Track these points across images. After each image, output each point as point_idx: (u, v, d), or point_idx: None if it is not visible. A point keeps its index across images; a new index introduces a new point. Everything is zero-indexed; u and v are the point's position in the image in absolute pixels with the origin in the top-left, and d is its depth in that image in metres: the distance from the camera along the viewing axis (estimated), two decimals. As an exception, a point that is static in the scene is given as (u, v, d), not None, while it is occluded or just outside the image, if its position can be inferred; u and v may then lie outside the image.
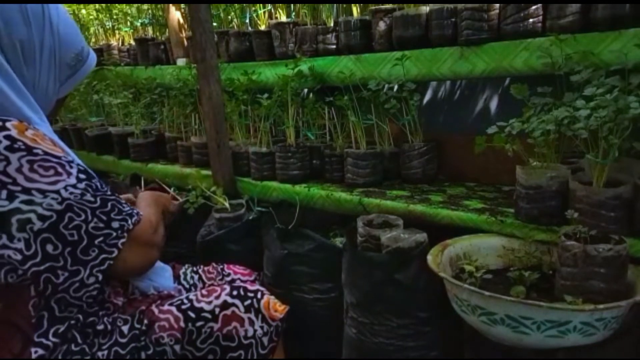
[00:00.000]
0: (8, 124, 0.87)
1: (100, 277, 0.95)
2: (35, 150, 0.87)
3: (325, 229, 1.75)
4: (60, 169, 0.90)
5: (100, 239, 0.95)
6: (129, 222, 0.99)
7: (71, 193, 0.90)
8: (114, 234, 0.97)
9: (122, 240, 0.97)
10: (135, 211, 1.03)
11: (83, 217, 0.92)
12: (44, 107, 1.01)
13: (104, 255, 0.95)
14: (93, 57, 1.10)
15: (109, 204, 0.97)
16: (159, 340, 1.02)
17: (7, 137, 0.85)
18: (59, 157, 0.91)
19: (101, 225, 0.95)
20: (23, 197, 0.85)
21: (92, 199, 0.94)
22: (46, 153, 0.89)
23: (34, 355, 0.92)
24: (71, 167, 0.93)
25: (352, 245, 1.41)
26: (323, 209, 1.70)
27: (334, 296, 1.51)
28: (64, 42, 1.00)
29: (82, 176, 0.94)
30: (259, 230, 1.68)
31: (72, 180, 0.91)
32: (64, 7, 1.04)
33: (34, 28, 0.94)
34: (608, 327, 1.00)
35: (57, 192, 0.89)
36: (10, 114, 0.90)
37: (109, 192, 1.00)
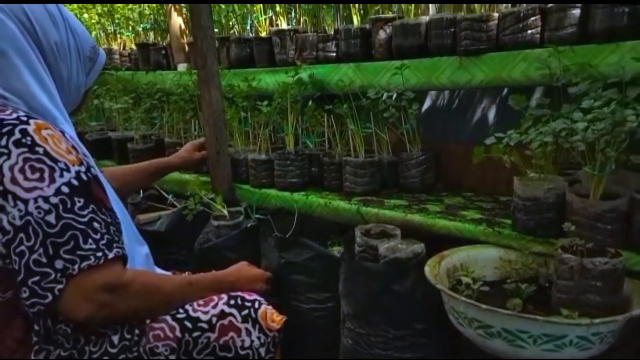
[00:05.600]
0: (31, 121, 0.89)
1: (32, 316, 0.90)
2: (37, 149, 0.87)
3: (324, 237, 1.74)
4: (46, 174, 0.86)
5: (36, 278, 0.84)
6: (76, 265, 0.85)
7: (37, 208, 0.84)
8: (53, 275, 0.84)
9: (60, 286, 0.84)
10: (99, 254, 0.88)
11: (32, 242, 0.84)
12: (76, 100, 1.11)
13: (34, 299, 0.85)
14: (101, 50, 1.17)
15: (68, 234, 0.85)
16: (153, 349, 1.00)
17: (21, 130, 0.87)
18: (56, 161, 0.88)
19: (43, 260, 0.84)
20: None
21: (52, 221, 0.85)
22: (46, 153, 0.87)
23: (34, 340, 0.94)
24: (62, 175, 0.88)
25: (350, 255, 1.41)
26: (321, 217, 1.69)
27: (330, 306, 1.51)
28: (81, 37, 1.08)
29: (64, 189, 0.87)
30: (257, 238, 1.68)
31: (49, 191, 0.86)
32: None
33: (61, 29, 1.02)
34: (604, 341, 0.99)
35: (26, 202, 0.84)
36: (40, 114, 0.95)
37: (86, 219, 0.88)
